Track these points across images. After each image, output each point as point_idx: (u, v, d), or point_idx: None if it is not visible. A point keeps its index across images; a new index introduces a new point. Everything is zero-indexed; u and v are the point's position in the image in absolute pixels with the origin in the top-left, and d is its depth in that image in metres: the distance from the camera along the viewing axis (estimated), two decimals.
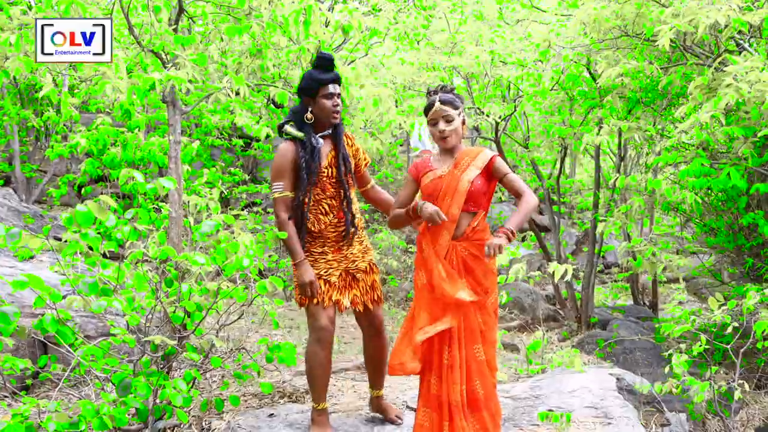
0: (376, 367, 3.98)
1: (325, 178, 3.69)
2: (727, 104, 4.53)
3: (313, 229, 3.70)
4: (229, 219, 3.76)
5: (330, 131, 3.74)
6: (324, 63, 3.66)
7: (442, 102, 3.48)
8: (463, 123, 3.56)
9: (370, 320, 3.87)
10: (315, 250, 3.72)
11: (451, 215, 3.40)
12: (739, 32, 5.18)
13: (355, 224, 3.79)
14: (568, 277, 5.32)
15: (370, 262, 3.87)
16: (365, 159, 3.98)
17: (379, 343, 3.92)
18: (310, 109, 3.68)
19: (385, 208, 4.01)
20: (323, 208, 3.71)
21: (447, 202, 3.43)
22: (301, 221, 3.66)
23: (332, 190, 3.71)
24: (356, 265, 3.78)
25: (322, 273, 3.68)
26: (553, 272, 5.24)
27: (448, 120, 3.48)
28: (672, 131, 5.25)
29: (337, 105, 3.67)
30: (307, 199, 3.64)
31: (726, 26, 4.75)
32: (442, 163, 3.54)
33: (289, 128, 3.68)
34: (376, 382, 4.01)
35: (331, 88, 3.65)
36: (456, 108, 3.50)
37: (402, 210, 3.58)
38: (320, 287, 3.64)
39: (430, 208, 3.34)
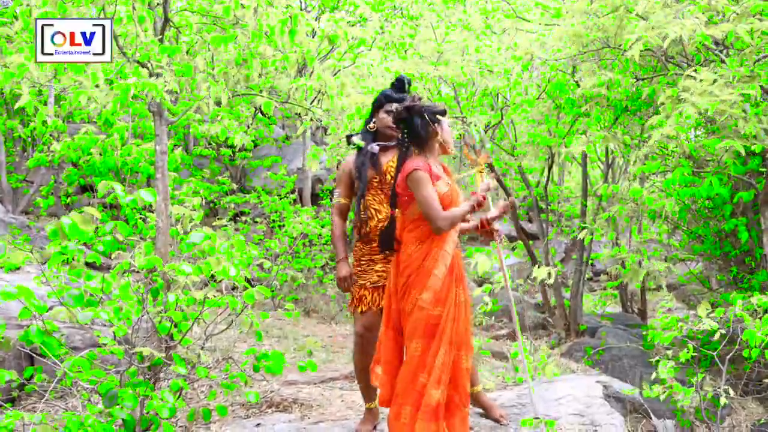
0: None
1: (376, 184, 3.89)
2: (706, 113, 4.58)
3: (363, 231, 3.92)
4: (213, 236, 3.75)
5: (395, 143, 3.87)
6: (398, 84, 3.99)
7: None
8: None
9: None
10: (364, 259, 3.92)
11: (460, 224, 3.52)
12: (705, 47, 5.24)
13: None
14: (551, 281, 5.34)
15: None
16: None
17: None
18: (373, 120, 4.00)
19: None
20: (371, 212, 3.88)
21: None
22: (360, 224, 3.92)
23: (382, 196, 3.87)
24: None
25: (368, 283, 3.87)
26: (539, 277, 5.26)
27: None
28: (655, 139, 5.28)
29: None
30: (361, 203, 3.89)
31: (691, 39, 4.81)
32: (438, 171, 3.53)
33: (354, 138, 3.99)
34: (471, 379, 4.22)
35: (394, 106, 3.82)
36: None
37: (461, 211, 3.39)
38: (366, 296, 3.86)
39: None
